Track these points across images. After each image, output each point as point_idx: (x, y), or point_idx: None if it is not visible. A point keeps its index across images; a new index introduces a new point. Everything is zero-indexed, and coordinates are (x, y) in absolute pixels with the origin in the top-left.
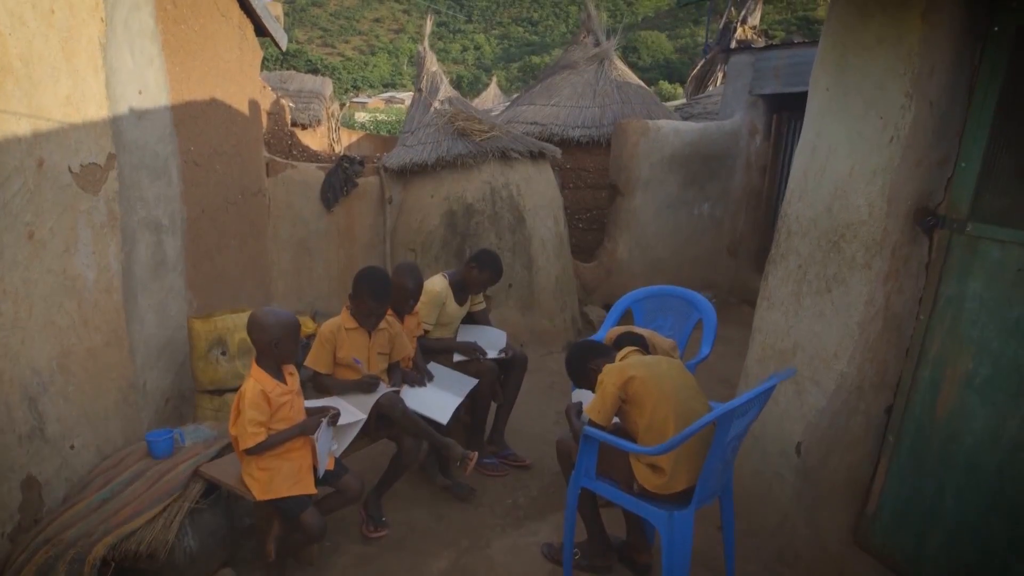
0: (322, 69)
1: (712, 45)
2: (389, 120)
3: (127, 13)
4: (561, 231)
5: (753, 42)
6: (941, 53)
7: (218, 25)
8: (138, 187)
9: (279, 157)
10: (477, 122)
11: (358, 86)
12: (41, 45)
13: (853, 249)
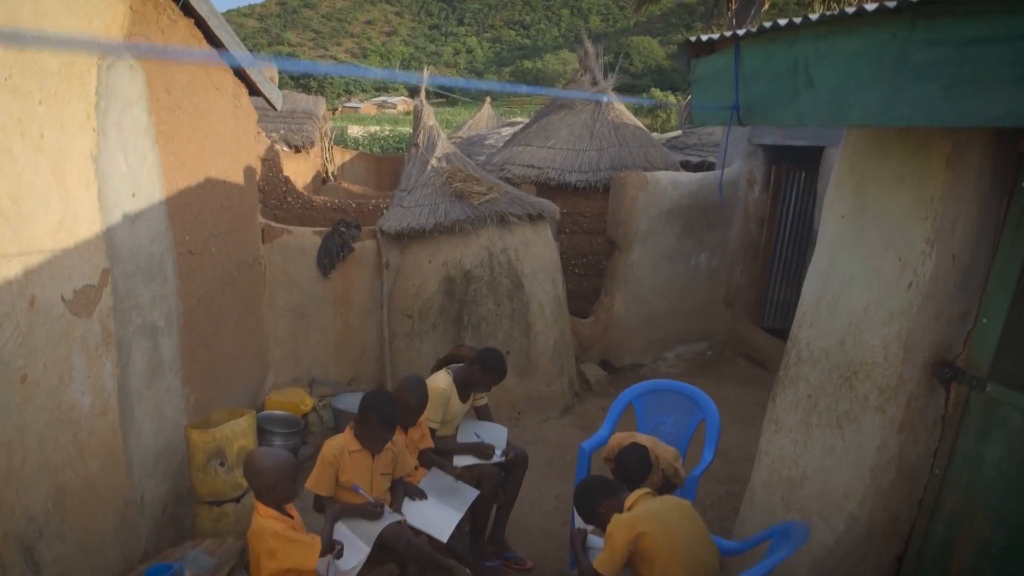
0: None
1: None
2: (383, 134)
3: (120, 115)
4: (559, 293)
5: None
6: (966, 205)
7: (212, 100)
8: (133, 295)
9: (274, 203)
10: (475, 182)
11: (350, 90)
12: (31, 176)
13: (866, 389)
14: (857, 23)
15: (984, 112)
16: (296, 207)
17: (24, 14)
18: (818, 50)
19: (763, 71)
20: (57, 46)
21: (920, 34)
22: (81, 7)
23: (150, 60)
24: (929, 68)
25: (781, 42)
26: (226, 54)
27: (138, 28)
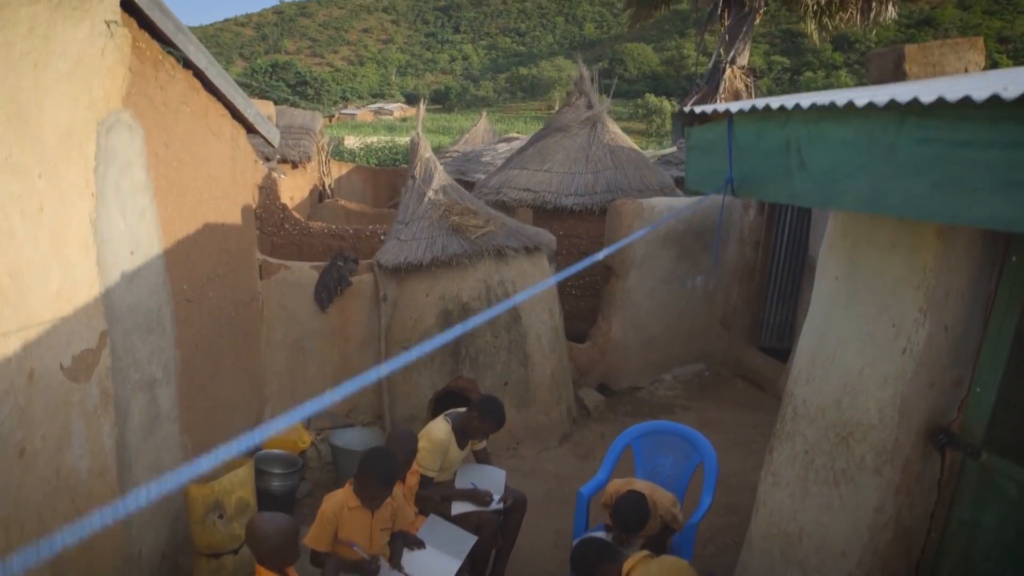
0: (311, 80)
1: (701, 84)
2: (380, 145)
3: (119, 176)
4: (556, 323)
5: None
6: (957, 277)
7: (210, 146)
8: (131, 351)
9: (271, 229)
10: (472, 215)
11: (347, 97)
12: (30, 251)
13: (863, 450)
14: (847, 114)
15: (972, 213)
16: (294, 233)
17: (25, 87)
18: (810, 133)
19: (757, 147)
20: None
21: (910, 131)
22: (80, 76)
23: (149, 117)
24: (919, 164)
25: (774, 121)
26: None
27: (137, 88)
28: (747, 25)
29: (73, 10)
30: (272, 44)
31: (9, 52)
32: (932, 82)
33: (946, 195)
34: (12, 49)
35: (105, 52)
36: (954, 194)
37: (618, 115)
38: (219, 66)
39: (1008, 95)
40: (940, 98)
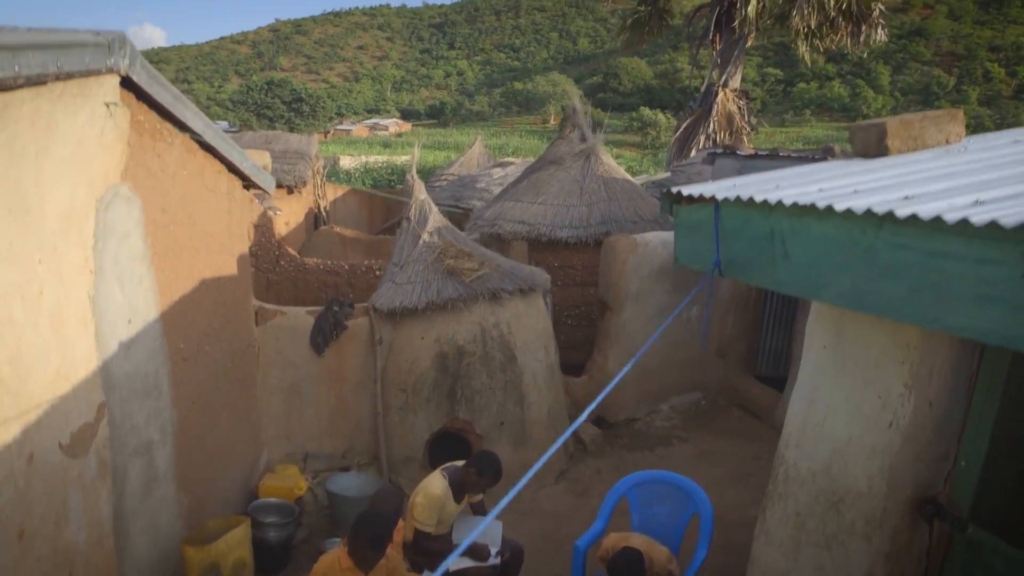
0: (306, 97)
1: (694, 107)
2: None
3: (117, 248)
4: (552, 361)
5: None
6: (941, 356)
7: (206, 203)
8: (129, 418)
9: (267, 267)
10: (467, 258)
11: (342, 113)
12: (30, 335)
13: (853, 516)
14: (828, 214)
15: (948, 321)
16: (289, 270)
17: (27, 178)
18: (793, 227)
19: (743, 232)
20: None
21: (887, 236)
22: (80, 159)
23: (146, 185)
24: (896, 268)
25: (759, 210)
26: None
27: (135, 160)
28: (739, 49)
29: (74, 97)
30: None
31: (12, 147)
32: (913, 161)
33: (923, 301)
34: (14, 144)
35: (104, 132)
36: (930, 301)
37: (613, 128)
38: (215, 127)
39: (977, 220)
40: (914, 214)
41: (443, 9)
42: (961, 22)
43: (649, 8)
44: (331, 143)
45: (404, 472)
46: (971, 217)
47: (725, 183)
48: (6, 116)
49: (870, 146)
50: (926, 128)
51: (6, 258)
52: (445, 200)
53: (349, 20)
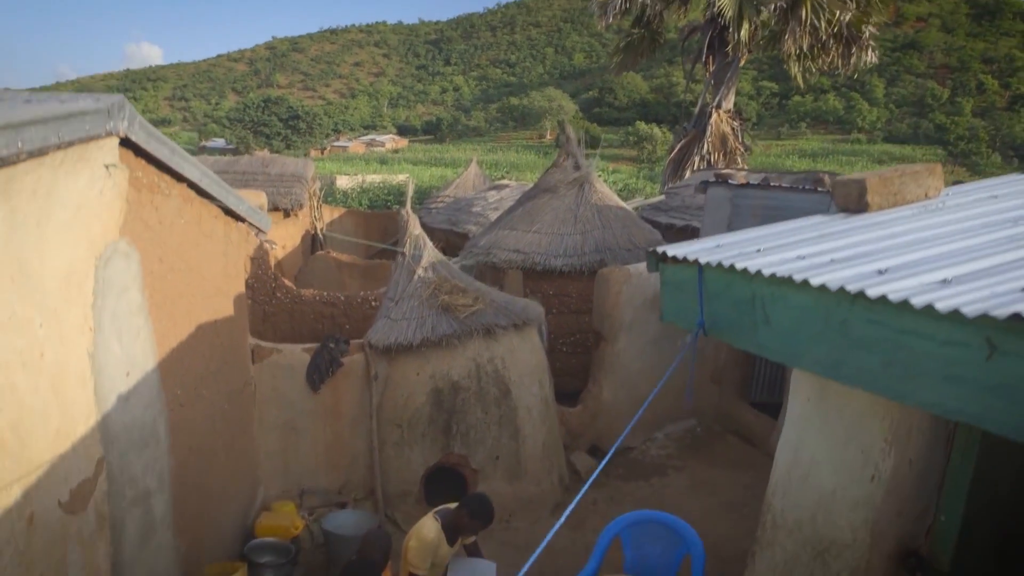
0: (303, 115)
1: (688, 128)
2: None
3: (115, 303)
4: (546, 394)
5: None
6: (919, 414)
7: (203, 248)
8: (127, 469)
9: (263, 299)
10: (461, 293)
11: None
12: (31, 399)
13: (839, 566)
14: (805, 286)
15: (918, 396)
16: (285, 302)
17: (28, 245)
18: (773, 294)
19: (726, 295)
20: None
21: (860, 311)
22: (80, 220)
23: (144, 238)
24: (869, 342)
25: (741, 275)
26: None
27: (133, 215)
28: (731, 70)
29: (75, 163)
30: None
31: (14, 218)
32: (891, 221)
33: (894, 376)
34: (16, 215)
35: (103, 191)
36: (901, 376)
37: (609, 142)
38: (211, 174)
39: (942, 306)
40: (883, 296)
41: (439, 25)
42: (954, 34)
43: (642, 31)
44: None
45: (400, 506)
46: (936, 303)
47: (709, 243)
48: (9, 190)
49: (851, 201)
50: (905, 183)
51: (8, 326)
52: (441, 224)
53: (345, 37)
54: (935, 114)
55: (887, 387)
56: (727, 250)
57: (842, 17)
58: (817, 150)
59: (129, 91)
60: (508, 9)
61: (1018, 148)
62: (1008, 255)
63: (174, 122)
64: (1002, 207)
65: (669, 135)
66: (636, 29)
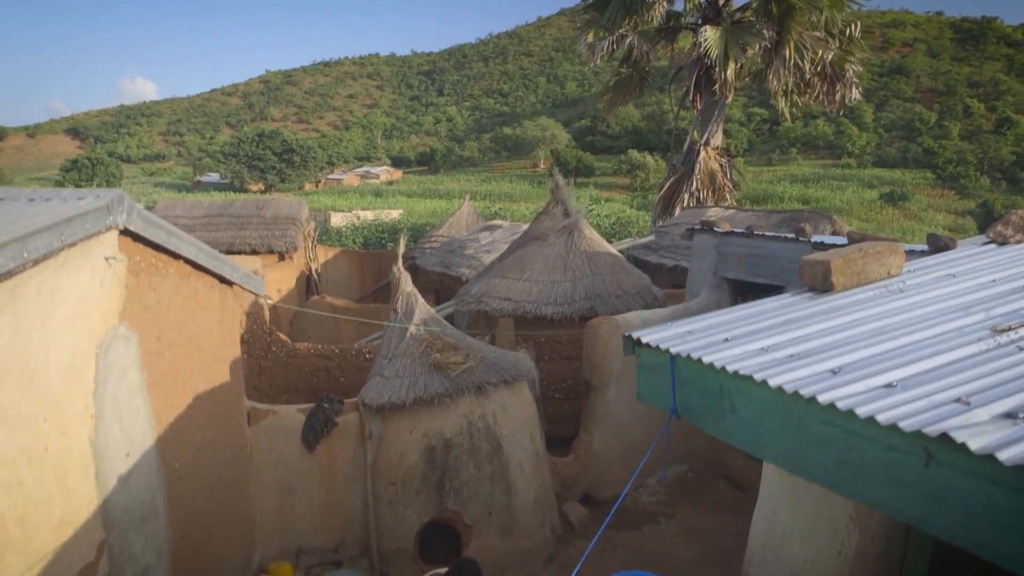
0: (297, 148)
1: (677, 165)
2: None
3: (115, 386)
4: (538, 447)
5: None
6: None
7: (199, 320)
8: (127, 547)
9: (259, 353)
10: (452, 351)
11: (333, 162)
12: (36, 492)
13: None
14: (765, 385)
15: (868, 495)
16: (280, 356)
17: (33, 345)
18: (738, 387)
19: (696, 383)
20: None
21: (815, 412)
22: (82, 312)
23: (143, 320)
24: (824, 441)
25: (709, 368)
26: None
27: (132, 299)
28: (718, 108)
29: (76, 259)
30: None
31: (19, 322)
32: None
33: (846, 473)
34: (21, 318)
35: (104, 282)
36: (852, 475)
37: (602, 171)
38: (207, 248)
39: (882, 418)
40: (832, 403)
41: (431, 56)
42: (939, 59)
43: (631, 70)
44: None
45: (395, 564)
46: (878, 415)
47: (681, 328)
48: (14, 296)
49: (817, 280)
50: (868, 263)
51: (15, 425)
52: (435, 266)
53: (339, 69)
54: (923, 138)
55: (840, 484)
56: (697, 337)
57: (825, 56)
58: (808, 175)
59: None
60: (500, 39)
61: (1006, 170)
62: (952, 353)
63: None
64: (958, 289)
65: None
66: (624, 68)
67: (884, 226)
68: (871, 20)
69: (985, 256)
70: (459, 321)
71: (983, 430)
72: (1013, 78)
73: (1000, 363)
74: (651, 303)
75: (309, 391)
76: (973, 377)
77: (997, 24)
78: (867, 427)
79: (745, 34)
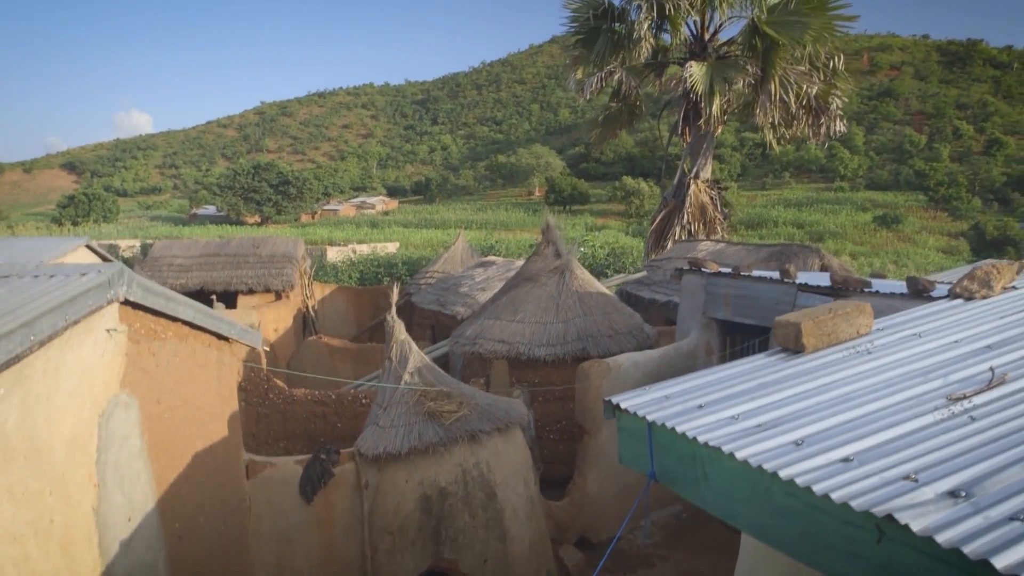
0: (292, 180)
1: (668, 198)
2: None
3: (117, 452)
4: (532, 493)
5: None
6: None
7: (198, 379)
8: None
9: (256, 400)
10: (446, 399)
11: (329, 193)
12: (43, 565)
13: None
14: (733, 457)
15: (828, 566)
16: (278, 403)
17: (39, 422)
18: (710, 455)
19: (672, 449)
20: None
21: (780, 485)
22: (84, 384)
23: (143, 385)
24: (788, 512)
25: (683, 436)
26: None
27: (133, 365)
28: (707, 142)
29: (79, 334)
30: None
31: (26, 400)
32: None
33: (809, 545)
34: (28, 396)
35: (105, 352)
36: (814, 546)
37: (597, 197)
38: (204, 309)
39: (837, 496)
40: (792, 479)
41: (425, 85)
42: (927, 82)
43: (620, 104)
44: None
45: None
46: (833, 492)
47: (659, 393)
48: (22, 377)
49: (789, 342)
50: (838, 324)
51: (22, 501)
52: (430, 304)
53: (333, 100)
54: (914, 160)
55: (804, 555)
56: (673, 403)
57: (809, 90)
58: (802, 199)
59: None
60: (493, 67)
61: (997, 191)
62: (908, 424)
63: (165, 190)
64: (921, 351)
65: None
66: (614, 102)
67: (878, 249)
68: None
69: (951, 313)
70: (455, 363)
71: (926, 510)
72: (1000, 99)
73: (951, 436)
74: (643, 342)
75: (307, 437)
76: (924, 451)
77: (982, 46)
78: (825, 502)
79: (730, 69)
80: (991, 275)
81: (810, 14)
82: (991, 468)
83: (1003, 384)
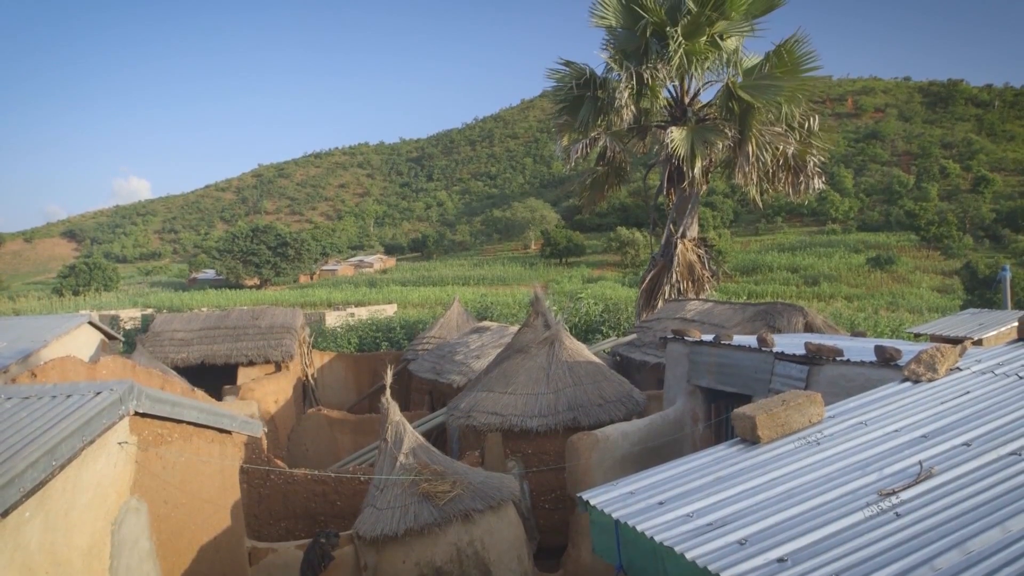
0: (291, 241)
1: (657, 257)
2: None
3: (128, 556)
4: (526, 568)
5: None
6: None
7: (202, 474)
8: None
9: (258, 482)
10: (440, 479)
11: (327, 252)
12: None
13: None
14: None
15: None
16: (279, 483)
17: (59, 538)
18: (667, 554)
19: (636, 544)
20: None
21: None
22: (99, 495)
23: (151, 488)
24: None
25: (642, 534)
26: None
27: (142, 471)
28: (691, 202)
29: (95, 451)
30: (252, 206)
31: (47, 519)
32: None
33: None
34: (49, 516)
35: (117, 463)
36: None
37: (593, 248)
38: (207, 407)
39: None
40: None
41: (419, 143)
42: (912, 122)
43: (606, 167)
44: (317, 286)
45: None
46: None
47: (625, 489)
48: (44, 498)
49: (747, 432)
50: (791, 415)
51: None
52: (426, 373)
53: (329, 160)
54: (904, 200)
55: None
56: (637, 500)
57: (786, 149)
58: (795, 243)
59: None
60: (486, 123)
61: (987, 228)
62: (841, 521)
63: (164, 255)
64: (864, 441)
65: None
66: (600, 166)
67: (873, 291)
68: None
69: (897, 398)
70: (452, 433)
71: None
72: (984, 137)
73: (876, 534)
74: (632, 409)
75: (307, 517)
76: (852, 550)
77: (963, 86)
78: None
79: (710, 133)
80: (935, 358)
81: (782, 77)
82: (911, 564)
83: (930, 477)
